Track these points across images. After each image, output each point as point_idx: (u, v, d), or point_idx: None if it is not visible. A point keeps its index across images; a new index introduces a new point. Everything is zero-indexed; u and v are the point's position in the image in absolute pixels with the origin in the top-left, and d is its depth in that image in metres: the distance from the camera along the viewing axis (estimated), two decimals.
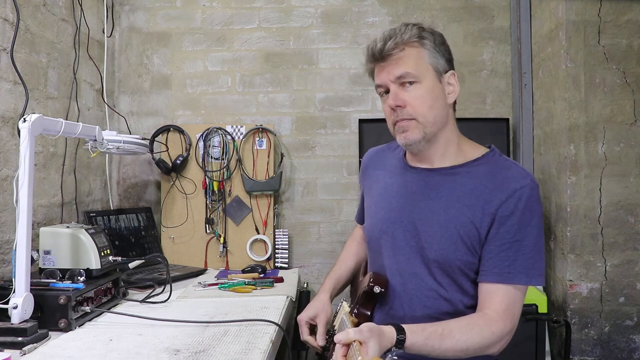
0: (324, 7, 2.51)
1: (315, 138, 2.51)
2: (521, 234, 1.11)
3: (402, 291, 1.20)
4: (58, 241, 1.50)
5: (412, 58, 1.15)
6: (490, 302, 1.11)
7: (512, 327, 1.11)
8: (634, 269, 1.95)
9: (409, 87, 1.15)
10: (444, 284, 1.16)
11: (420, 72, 1.15)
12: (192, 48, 2.52)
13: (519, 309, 1.13)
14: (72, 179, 2.10)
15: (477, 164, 1.20)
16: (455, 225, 1.15)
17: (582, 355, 1.96)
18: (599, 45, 1.95)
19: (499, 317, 1.09)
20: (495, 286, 1.11)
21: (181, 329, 1.39)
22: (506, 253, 1.11)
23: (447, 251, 1.15)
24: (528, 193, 1.12)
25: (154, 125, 2.47)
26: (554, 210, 2.13)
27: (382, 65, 1.17)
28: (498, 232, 1.12)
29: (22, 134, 1.30)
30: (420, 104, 1.15)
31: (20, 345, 1.20)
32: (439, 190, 1.19)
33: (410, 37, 1.15)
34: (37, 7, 1.85)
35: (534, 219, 1.12)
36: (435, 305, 1.17)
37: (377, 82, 1.20)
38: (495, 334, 1.07)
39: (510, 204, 1.12)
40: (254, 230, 2.37)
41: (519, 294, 1.12)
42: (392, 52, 1.14)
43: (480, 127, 2.34)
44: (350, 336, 0.93)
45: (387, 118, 1.22)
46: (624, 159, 1.95)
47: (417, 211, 1.20)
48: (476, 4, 2.46)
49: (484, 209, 1.13)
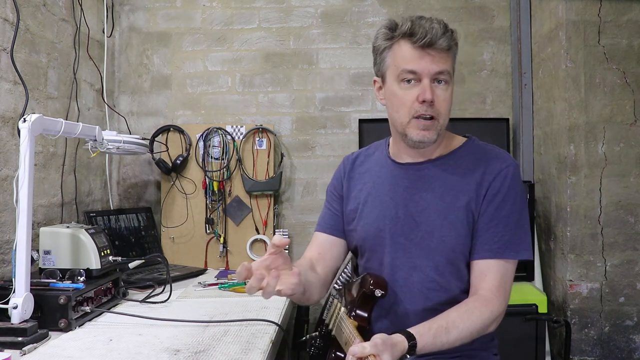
0: (324, 7, 2.51)
1: (315, 138, 2.51)
2: (507, 210, 1.16)
3: (403, 285, 1.21)
4: (58, 241, 1.50)
5: (451, 59, 1.17)
6: (484, 280, 1.15)
7: (506, 302, 1.15)
8: (634, 269, 1.96)
9: (439, 85, 1.15)
10: (445, 272, 1.19)
11: (452, 75, 1.18)
12: (192, 48, 2.52)
13: (510, 284, 1.17)
14: (72, 179, 2.10)
15: (461, 151, 1.24)
16: (454, 211, 1.18)
17: (582, 355, 1.96)
18: (599, 45, 1.95)
19: (493, 296, 1.13)
20: (488, 262, 1.16)
21: (181, 329, 1.39)
22: (495, 229, 1.16)
23: (449, 237, 1.17)
24: (512, 172, 1.19)
25: (154, 125, 2.47)
26: (554, 210, 2.13)
27: (428, 53, 1.12)
28: (487, 209, 1.17)
29: (22, 134, 1.31)
30: (446, 105, 1.17)
31: (20, 345, 1.20)
32: (432, 181, 1.22)
33: (456, 41, 1.17)
34: (37, 7, 1.85)
35: (518, 195, 1.18)
36: (435, 297, 1.19)
37: (411, 67, 1.13)
38: (493, 313, 1.11)
39: (497, 183, 1.17)
40: (254, 230, 2.37)
41: (509, 269, 1.17)
42: (443, 47, 1.13)
43: (480, 127, 2.34)
44: (366, 351, 0.93)
45: (404, 107, 1.16)
46: (624, 159, 1.95)
47: (413, 204, 1.21)
48: (476, 4, 2.46)
49: (477, 191, 1.18)
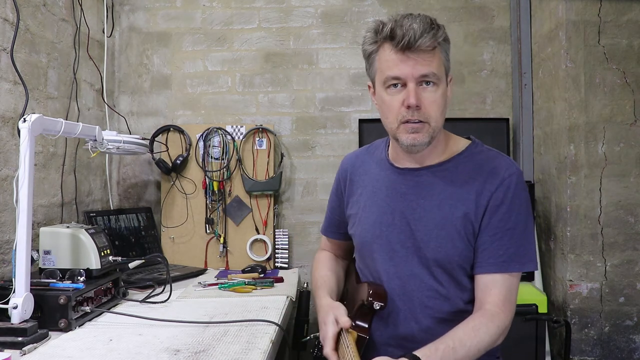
0: (324, 7, 2.51)
1: (315, 138, 2.51)
2: (512, 221, 1.12)
3: (401, 294, 1.18)
4: (58, 241, 1.50)
5: (438, 59, 1.10)
6: (489, 294, 1.11)
7: (512, 315, 1.12)
8: (634, 269, 1.95)
9: (426, 87, 1.10)
10: (443, 282, 1.16)
11: (441, 75, 1.11)
12: (192, 48, 2.52)
13: (515, 296, 1.15)
14: (72, 179, 2.10)
15: (463, 158, 1.20)
16: (451, 221, 1.14)
17: (582, 355, 1.96)
18: (599, 45, 1.95)
19: (499, 310, 1.10)
20: (493, 277, 1.12)
21: (181, 329, 1.39)
22: (499, 242, 1.12)
23: (445, 248, 1.14)
24: (515, 181, 1.14)
25: (154, 125, 2.47)
26: (554, 210, 2.12)
27: (408, 56, 1.07)
28: (490, 221, 1.13)
29: (22, 134, 1.30)
30: (436, 108, 1.11)
31: (20, 345, 1.20)
32: (430, 188, 1.18)
33: (442, 37, 1.10)
34: (37, 7, 1.85)
35: (522, 205, 1.14)
36: (436, 305, 1.16)
37: (394, 74, 1.09)
38: (500, 328, 1.09)
39: (500, 193, 1.13)
40: (254, 230, 2.37)
41: (514, 281, 1.14)
42: (426, 48, 1.07)
43: (480, 127, 2.34)
44: None
45: (392, 113, 1.12)
46: (624, 159, 1.95)
47: (410, 212, 1.18)
48: (476, 4, 2.46)
49: (477, 202, 1.14)
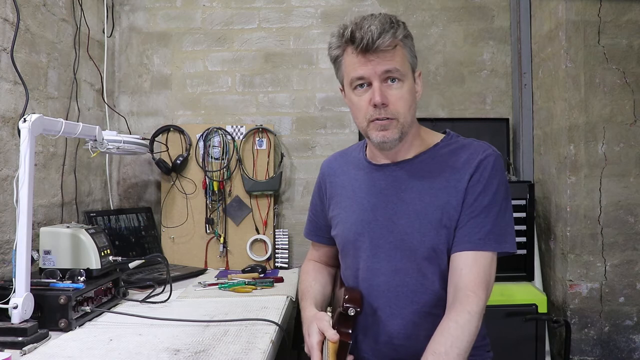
0: (324, 7, 2.51)
1: (315, 138, 2.51)
2: (488, 200, 1.12)
3: (386, 290, 1.18)
4: (58, 241, 1.51)
5: (400, 55, 1.12)
6: (463, 274, 1.09)
7: (487, 295, 1.10)
8: (633, 269, 1.96)
9: (392, 84, 1.12)
10: (428, 274, 1.15)
11: (405, 71, 1.13)
12: (192, 48, 2.52)
13: (491, 276, 1.12)
14: (72, 179, 2.10)
15: (438, 149, 1.21)
16: (434, 211, 1.14)
17: (582, 355, 1.96)
18: (599, 45, 1.95)
19: (472, 292, 1.07)
20: (467, 255, 1.11)
21: (181, 328, 1.39)
22: (475, 220, 1.12)
23: (428, 237, 1.14)
24: (492, 162, 1.15)
25: (154, 125, 2.47)
26: (554, 210, 2.13)
27: (368, 57, 1.10)
28: (467, 201, 1.13)
29: (22, 134, 1.30)
30: (403, 104, 1.13)
31: (20, 345, 1.20)
32: (409, 181, 1.19)
33: (402, 34, 1.12)
34: (37, 7, 1.85)
35: (500, 185, 1.14)
36: (422, 300, 1.16)
37: (358, 74, 1.12)
38: (471, 313, 1.05)
39: (477, 175, 1.14)
40: (254, 230, 2.37)
41: (490, 262, 1.11)
42: (386, 47, 1.09)
43: (480, 127, 2.34)
44: None
45: (361, 112, 1.15)
46: (623, 159, 1.95)
47: (392, 206, 1.19)
48: (476, 4, 2.46)
49: (457, 187, 1.14)
